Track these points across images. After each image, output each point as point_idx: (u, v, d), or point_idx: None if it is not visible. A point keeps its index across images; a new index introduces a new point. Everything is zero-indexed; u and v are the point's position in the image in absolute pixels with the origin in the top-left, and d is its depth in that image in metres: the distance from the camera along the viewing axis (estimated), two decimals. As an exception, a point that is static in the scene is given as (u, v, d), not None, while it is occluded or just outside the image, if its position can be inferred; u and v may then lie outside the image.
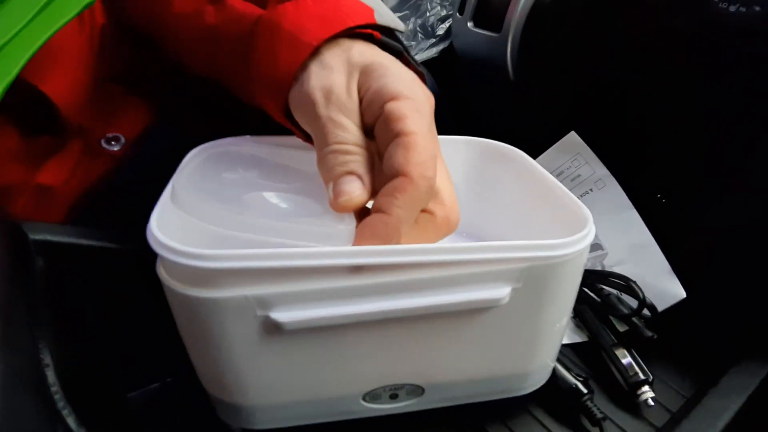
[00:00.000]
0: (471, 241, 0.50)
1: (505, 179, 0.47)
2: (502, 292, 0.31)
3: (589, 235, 0.33)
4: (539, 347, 0.38)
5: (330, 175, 0.30)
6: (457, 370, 0.37)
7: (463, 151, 0.48)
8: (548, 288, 0.34)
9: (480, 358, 0.36)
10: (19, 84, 0.37)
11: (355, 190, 0.29)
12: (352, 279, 0.29)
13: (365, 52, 0.33)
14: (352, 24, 0.33)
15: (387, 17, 0.36)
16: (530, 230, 0.44)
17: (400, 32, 0.38)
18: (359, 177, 0.29)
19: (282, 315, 0.29)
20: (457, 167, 0.48)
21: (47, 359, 0.27)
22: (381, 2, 0.38)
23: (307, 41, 0.32)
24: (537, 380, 0.40)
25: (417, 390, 0.36)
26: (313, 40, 0.32)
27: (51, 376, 0.26)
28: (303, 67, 0.32)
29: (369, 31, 0.34)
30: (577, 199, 0.38)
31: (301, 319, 0.30)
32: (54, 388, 0.26)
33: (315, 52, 0.32)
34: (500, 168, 0.47)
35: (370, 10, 0.35)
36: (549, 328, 0.36)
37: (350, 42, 0.33)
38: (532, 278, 0.32)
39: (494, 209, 0.48)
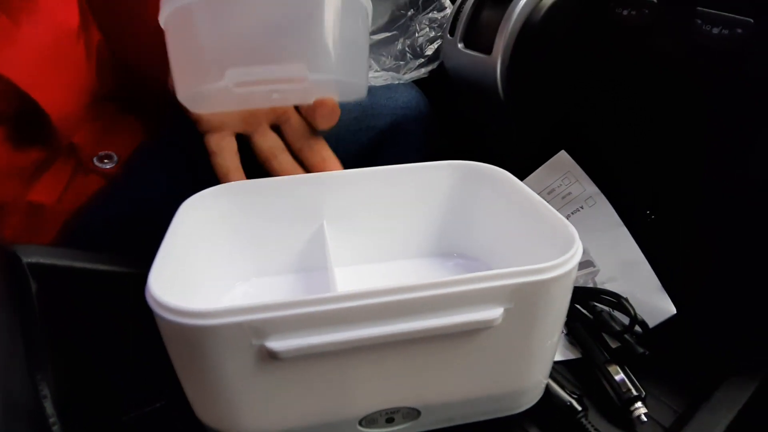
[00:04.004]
0: (461, 262, 0.51)
1: (491, 200, 0.48)
2: (495, 313, 0.32)
3: (576, 254, 0.34)
4: (532, 365, 0.38)
5: None
6: (453, 391, 0.37)
7: (447, 175, 0.49)
8: (539, 307, 0.34)
9: (475, 377, 0.36)
10: (11, 92, 0.37)
11: None
12: (346, 305, 0.29)
13: None
14: None
15: None
16: (518, 250, 0.44)
17: None
18: None
19: (278, 344, 0.29)
20: (443, 190, 0.49)
21: (45, 390, 0.26)
22: None
23: None
24: (531, 398, 0.40)
25: (413, 413, 0.36)
26: None
27: (49, 407, 0.26)
28: None
29: None
30: (563, 217, 0.38)
31: (297, 347, 0.29)
32: (52, 420, 0.26)
33: None
34: (485, 189, 0.48)
35: None
36: (541, 345, 0.37)
37: None
38: (523, 298, 0.32)
39: (483, 230, 0.49)
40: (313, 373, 0.32)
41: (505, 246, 0.46)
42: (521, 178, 0.58)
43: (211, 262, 0.43)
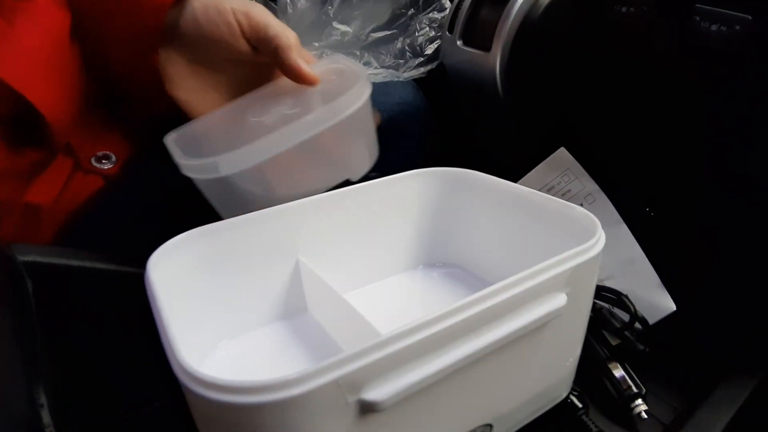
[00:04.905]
0: (452, 271, 0.49)
1: (471, 204, 0.47)
2: (561, 299, 0.32)
3: (600, 231, 0.34)
4: (579, 345, 0.39)
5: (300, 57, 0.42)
6: (519, 394, 0.36)
7: (422, 183, 0.47)
8: (588, 285, 0.35)
9: (538, 373, 0.36)
10: (6, 93, 0.37)
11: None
12: (438, 327, 0.27)
13: None
14: None
15: None
16: (512, 246, 0.44)
17: None
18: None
19: (376, 392, 0.25)
20: (419, 200, 0.47)
21: (42, 399, 0.25)
22: None
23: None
24: (570, 382, 0.41)
25: (486, 429, 0.35)
26: None
27: (45, 416, 0.25)
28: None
29: None
30: (559, 199, 0.39)
31: (396, 392, 0.25)
32: (48, 430, 0.25)
33: None
34: (464, 193, 0.47)
35: None
36: (586, 323, 0.38)
37: None
38: (577, 279, 0.33)
39: (468, 235, 0.48)
40: (404, 418, 0.28)
41: (496, 244, 0.46)
42: (521, 176, 0.58)
43: (186, 323, 0.36)
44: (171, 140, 0.41)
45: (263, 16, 0.42)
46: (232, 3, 0.42)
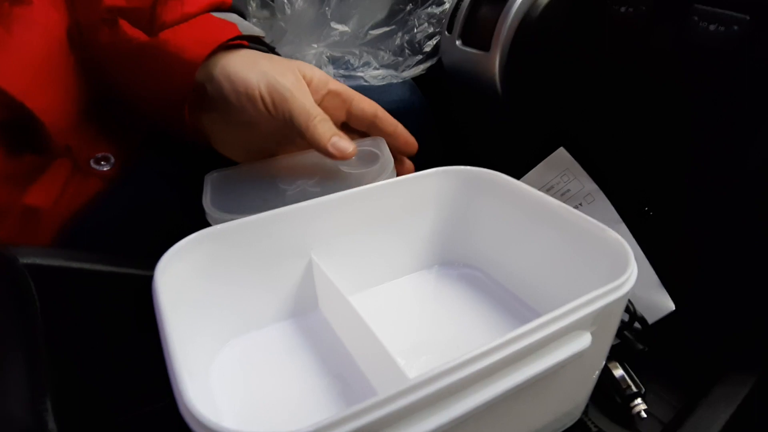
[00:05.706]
0: (468, 271, 0.49)
1: (490, 205, 0.46)
2: (585, 340, 0.31)
3: (633, 265, 0.33)
4: (599, 371, 0.38)
5: (324, 138, 0.42)
6: (533, 426, 0.36)
7: (439, 182, 0.46)
8: (614, 320, 0.35)
9: (557, 403, 0.36)
10: (4, 100, 0.37)
11: (349, 143, 0.43)
12: (454, 377, 0.26)
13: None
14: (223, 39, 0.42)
15: (248, 28, 0.45)
16: (530, 253, 0.43)
17: (262, 37, 0.47)
18: (340, 135, 0.43)
19: None
20: (437, 199, 0.47)
21: (46, 404, 0.25)
22: (237, 17, 0.46)
23: (190, 59, 0.41)
24: (586, 404, 0.41)
25: None
26: (198, 57, 0.41)
27: (51, 422, 0.25)
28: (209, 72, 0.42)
29: (239, 42, 0.44)
30: (591, 219, 0.37)
31: None
32: None
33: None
34: (483, 194, 0.46)
35: (234, 25, 0.43)
36: (607, 352, 0.37)
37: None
38: (604, 317, 0.32)
39: (486, 237, 0.48)
40: None
41: (513, 250, 0.46)
42: (520, 175, 0.58)
43: (194, 323, 0.37)
44: (210, 180, 0.44)
45: (285, 102, 0.42)
46: (261, 80, 0.42)
